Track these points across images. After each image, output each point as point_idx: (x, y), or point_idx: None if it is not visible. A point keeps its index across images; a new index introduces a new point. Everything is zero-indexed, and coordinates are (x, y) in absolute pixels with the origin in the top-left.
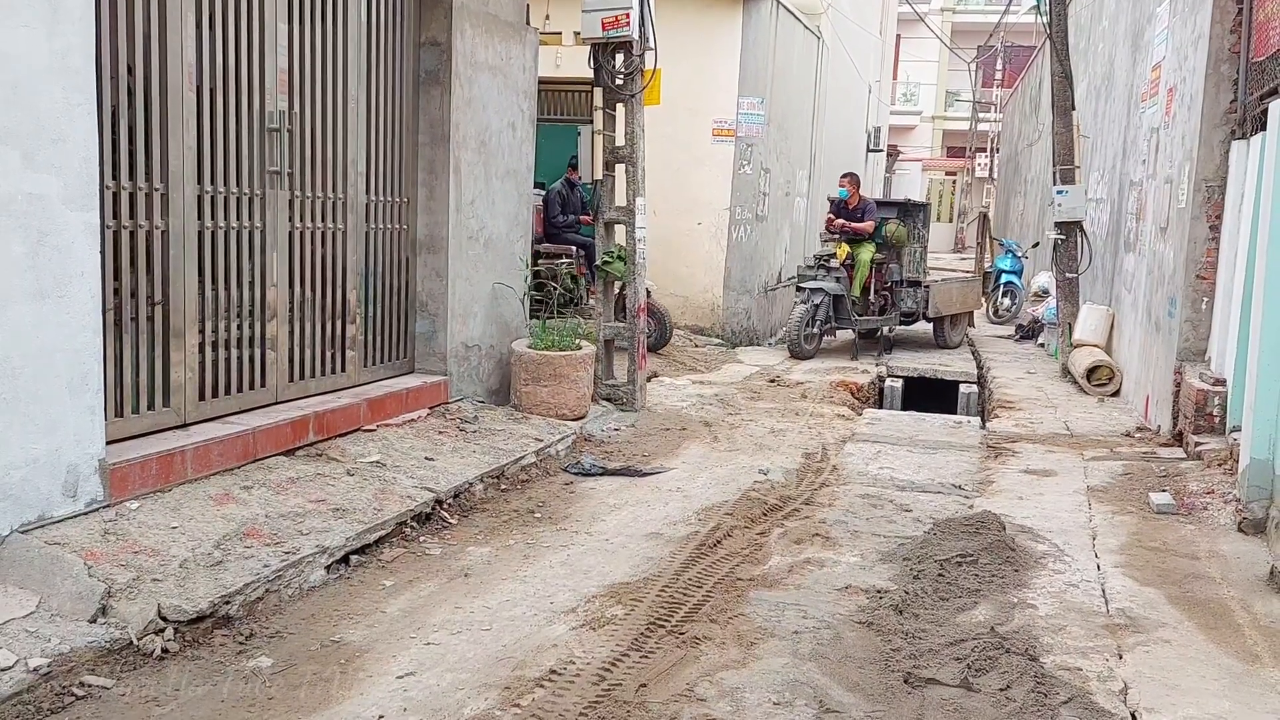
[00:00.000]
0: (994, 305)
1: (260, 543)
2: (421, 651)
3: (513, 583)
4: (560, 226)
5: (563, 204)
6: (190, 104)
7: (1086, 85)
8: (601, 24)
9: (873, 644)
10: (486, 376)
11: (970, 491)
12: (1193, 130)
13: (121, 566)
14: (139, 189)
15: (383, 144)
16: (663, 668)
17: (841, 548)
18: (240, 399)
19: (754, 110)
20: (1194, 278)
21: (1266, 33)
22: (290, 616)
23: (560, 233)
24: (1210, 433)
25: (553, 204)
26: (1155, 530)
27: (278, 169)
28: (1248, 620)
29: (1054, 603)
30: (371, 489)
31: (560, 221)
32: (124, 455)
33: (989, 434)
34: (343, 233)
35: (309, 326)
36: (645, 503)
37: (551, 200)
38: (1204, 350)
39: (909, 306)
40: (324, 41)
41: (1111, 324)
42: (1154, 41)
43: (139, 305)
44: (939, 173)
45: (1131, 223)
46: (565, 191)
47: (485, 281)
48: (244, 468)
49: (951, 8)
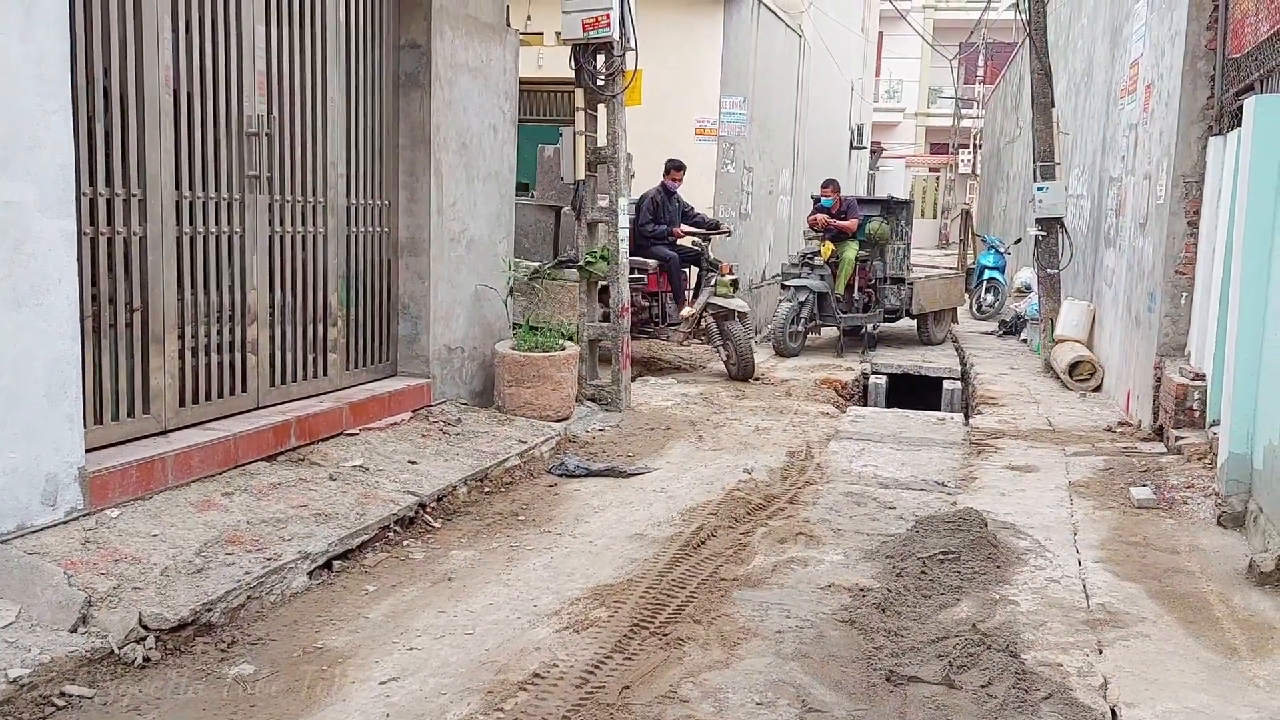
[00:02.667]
0: (977, 301)
1: (242, 549)
2: (404, 657)
3: (496, 586)
4: (649, 236)
5: (655, 211)
6: (168, 108)
7: (1066, 82)
8: (582, 25)
9: (855, 642)
10: (470, 378)
11: (953, 488)
12: (1170, 126)
13: (102, 575)
14: (116, 195)
15: (363, 147)
16: (646, 669)
17: (825, 546)
18: (221, 404)
19: (736, 109)
20: (1173, 273)
21: (1242, 29)
22: (273, 623)
23: (648, 243)
24: (1190, 427)
25: (644, 210)
26: (1136, 525)
27: (257, 173)
28: (1226, 614)
29: (1035, 598)
30: (354, 493)
31: (649, 231)
32: (104, 463)
33: (972, 430)
34: (323, 236)
35: (290, 330)
36: (629, 504)
37: (644, 206)
38: (1184, 345)
39: (893, 303)
40: (302, 44)
41: (1093, 319)
42: (1132, 38)
43: (118, 311)
44: (922, 169)
45: (1111, 218)
46: (661, 198)
47: (468, 283)
48: (225, 474)
49: (933, 5)
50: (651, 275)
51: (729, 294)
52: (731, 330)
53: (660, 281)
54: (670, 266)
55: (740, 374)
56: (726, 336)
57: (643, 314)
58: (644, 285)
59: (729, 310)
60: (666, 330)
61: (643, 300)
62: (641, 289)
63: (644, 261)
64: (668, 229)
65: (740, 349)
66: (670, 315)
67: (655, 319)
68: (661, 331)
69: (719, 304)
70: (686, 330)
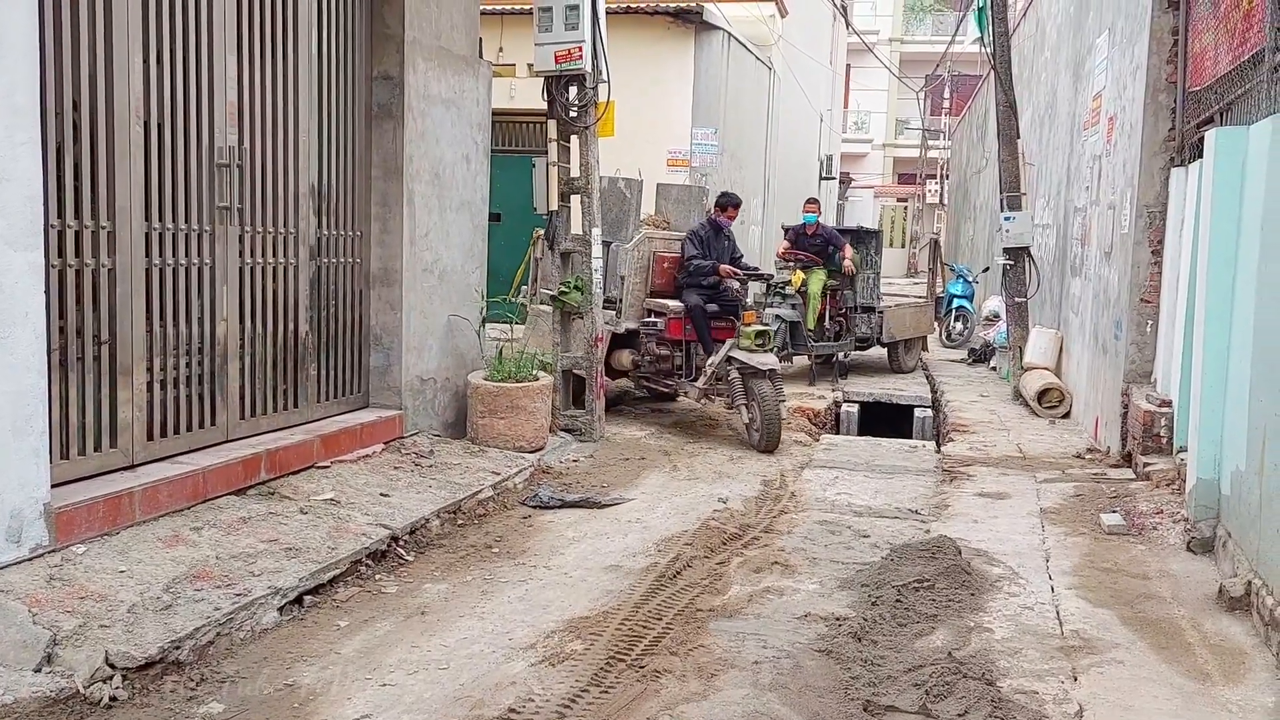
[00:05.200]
0: (947, 330)
1: (211, 585)
2: (377, 693)
3: (470, 619)
4: (692, 274)
5: (701, 248)
6: (137, 140)
7: (1031, 114)
8: (555, 57)
9: (832, 672)
10: (443, 409)
11: (926, 516)
12: (1133, 158)
13: (67, 613)
14: (85, 227)
15: (335, 177)
16: (623, 702)
17: (801, 575)
18: (190, 438)
19: (708, 140)
20: (1138, 301)
21: (1202, 63)
22: (242, 660)
23: (690, 282)
24: (1158, 453)
25: (688, 245)
26: (1107, 551)
27: (227, 204)
28: (1198, 639)
29: (1010, 626)
30: (325, 527)
31: (693, 268)
32: (70, 498)
33: (944, 458)
34: (294, 267)
35: (260, 363)
36: (604, 534)
37: (688, 242)
38: (1150, 372)
39: (863, 332)
40: (274, 75)
41: (1060, 347)
42: (1094, 71)
43: (85, 344)
44: (891, 199)
45: (1077, 248)
46: (708, 234)
47: (440, 314)
48: (194, 508)
49: (900, 38)
50: (672, 320)
51: (753, 347)
52: (759, 390)
53: (684, 329)
54: (694, 312)
55: (764, 443)
56: (752, 396)
57: (661, 365)
58: (662, 331)
59: (757, 369)
60: (687, 385)
61: (658, 349)
62: (658, 335)
63: (663, 304)
64: (713, 267)
65: (767, 411)
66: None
67: (678, 370)
68: (681, 386)
69: (742, 359)
70: (703, 386)
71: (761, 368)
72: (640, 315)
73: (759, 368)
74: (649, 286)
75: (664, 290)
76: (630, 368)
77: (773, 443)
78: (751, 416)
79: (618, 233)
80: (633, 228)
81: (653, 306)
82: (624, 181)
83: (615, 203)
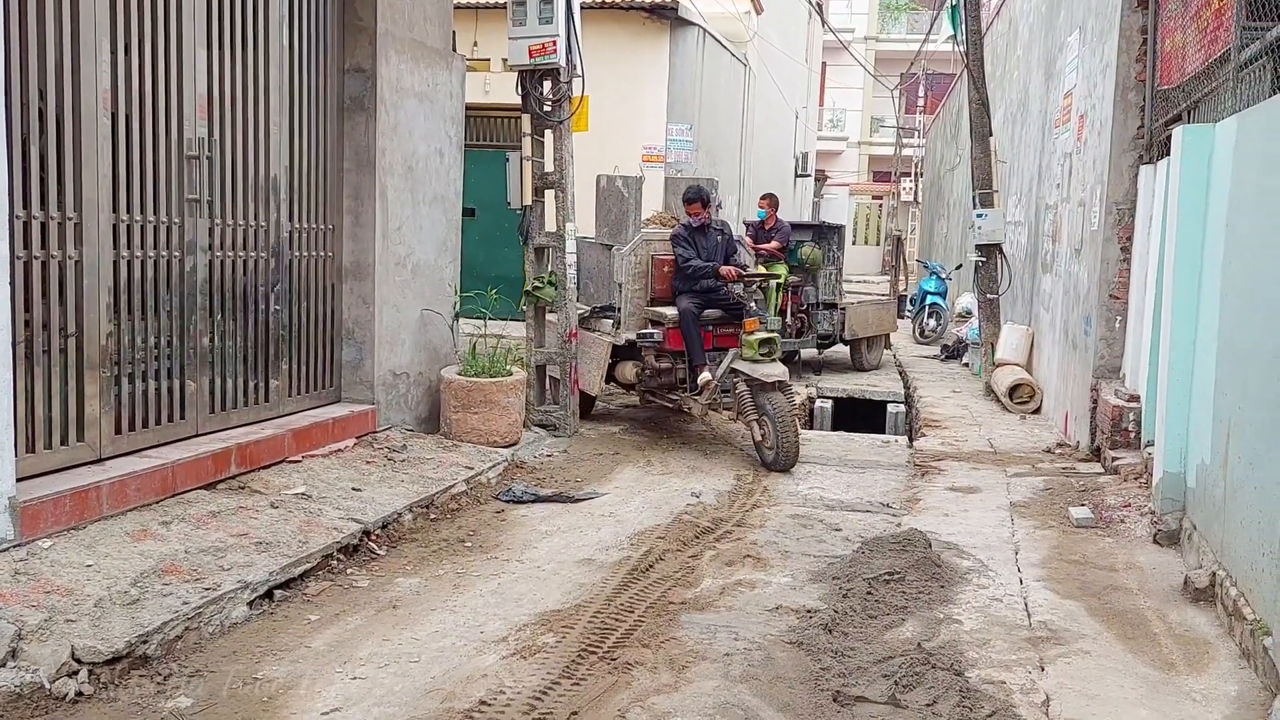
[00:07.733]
0: (920, 326)
1: (179, 579)
2: (347, 686)
3: (442, 613)
4: (690, 276)
5: (689, 248)
6: (105, 130)
7: (1004, 112)
8: (529, 51)
9: (803, 664)
10: (416, 404)
11: (898, 509)
12: (1103, 155)
13: (33, 607)
14: (51, 218)
15: (307, 170)
16: (594, 694)
17: (772, 568)
18: (159, 432)
19: (683, 136)
20: (1107, 297)
21: (1171, 62)
22: (211, 654)
23: (689, 286)
24: (1126, 447)
25: (680, 247)
26: (1075, 544)
27: (197, 196)
28: (1163, 630)
29: (979, 617)
30: (296, 521)
31: (690, 270)
32: (36, 492)
33: (916, 452)
34: (265, 260)
35: (231, 357)
36: (578, 528)
37: (679, 243)
38: (1119, 367)
39: (825, 329)
40: (244, 67)
41: (1031, 343)
42: (1065, 70)
43: (51, 337)
44: (866, 197)
45: (1048, 244)
46: (684, 234)
47: (413, 308)
48: (163, 503)
49: (874, 36)
50: (670, 330)
51: (758, 357)
52: (771, 404)
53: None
54: (685, 318)
55: (782, 461)
56: (763, 411)
57: (662, 378)
58: (660, 343)
59: (764, 380)
60: (690, 400)
61: (657, 361)
62: (657, 347)
63: (660, 313)
64: (714, 268)
65: (781, 427)
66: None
67: (680, 384)
68: (684, 401)
69: (747, 372)
70: (706, 401)
71: (769, 380)
72: (641, 325)
73: (765, 380)
74: (649, 293)
75: (665, 297)
76: (634, 381)
77: (790, 461)
78: (764, 433)
79: (617, 234)
80: (633, 229)
81: (651, 316)
82: (622, 180)
83: (614, 202)
